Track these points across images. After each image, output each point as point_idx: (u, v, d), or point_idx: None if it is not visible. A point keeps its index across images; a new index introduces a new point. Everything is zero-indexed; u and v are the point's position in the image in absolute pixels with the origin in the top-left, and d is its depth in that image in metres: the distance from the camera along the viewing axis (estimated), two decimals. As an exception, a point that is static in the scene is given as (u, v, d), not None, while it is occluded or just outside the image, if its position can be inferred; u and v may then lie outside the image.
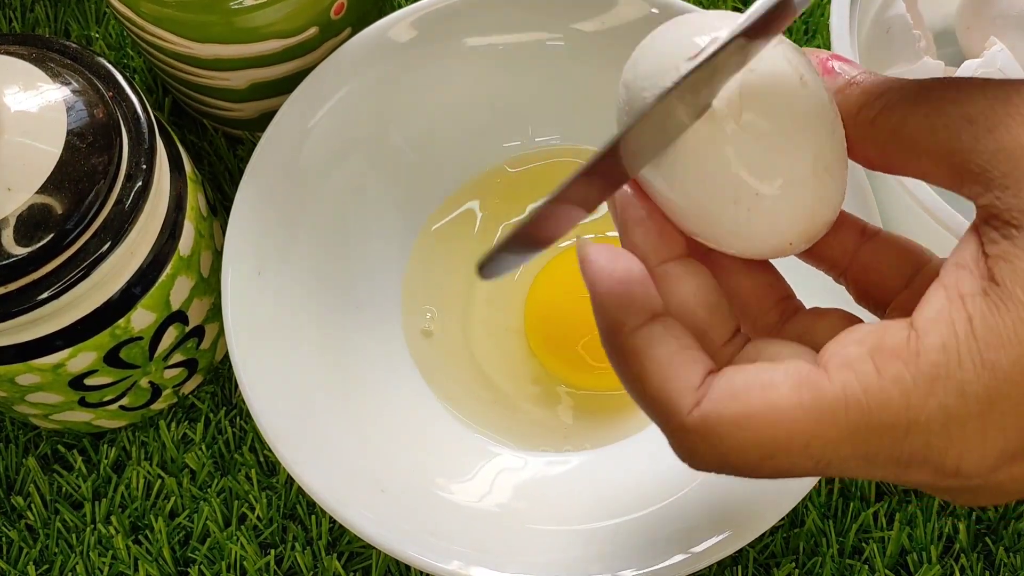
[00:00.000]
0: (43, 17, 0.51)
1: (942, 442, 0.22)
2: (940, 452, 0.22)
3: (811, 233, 0.26)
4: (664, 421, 0.24)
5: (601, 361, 0.42)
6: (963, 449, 0.22)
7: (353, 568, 0.41)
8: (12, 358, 0.37)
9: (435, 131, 0.45)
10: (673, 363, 0.24)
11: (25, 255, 0.33)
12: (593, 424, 0.43)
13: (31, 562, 0.42)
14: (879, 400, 0.22)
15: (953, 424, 0.22)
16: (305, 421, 0.39)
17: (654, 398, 0.24)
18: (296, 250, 0.42)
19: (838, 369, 0.23)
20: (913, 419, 0.22)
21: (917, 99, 0.24)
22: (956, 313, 0.22)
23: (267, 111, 0.44)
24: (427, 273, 0.45)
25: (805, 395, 0.22)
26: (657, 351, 0.24)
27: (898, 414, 0.22)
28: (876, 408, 0.22)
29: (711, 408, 0.23)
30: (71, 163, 0.34)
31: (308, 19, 0.42)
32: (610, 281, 0.24)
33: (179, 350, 0.41)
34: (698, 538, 0.37)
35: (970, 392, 0.22)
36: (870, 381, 0.22)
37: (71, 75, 0.36)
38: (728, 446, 0.23)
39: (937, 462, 0.23)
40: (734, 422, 0.23)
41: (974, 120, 0.23)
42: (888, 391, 0.22)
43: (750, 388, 0.23)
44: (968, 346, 0.22)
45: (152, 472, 0.43)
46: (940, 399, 0.22)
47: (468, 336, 0.44)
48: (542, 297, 0.44)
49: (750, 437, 0.23)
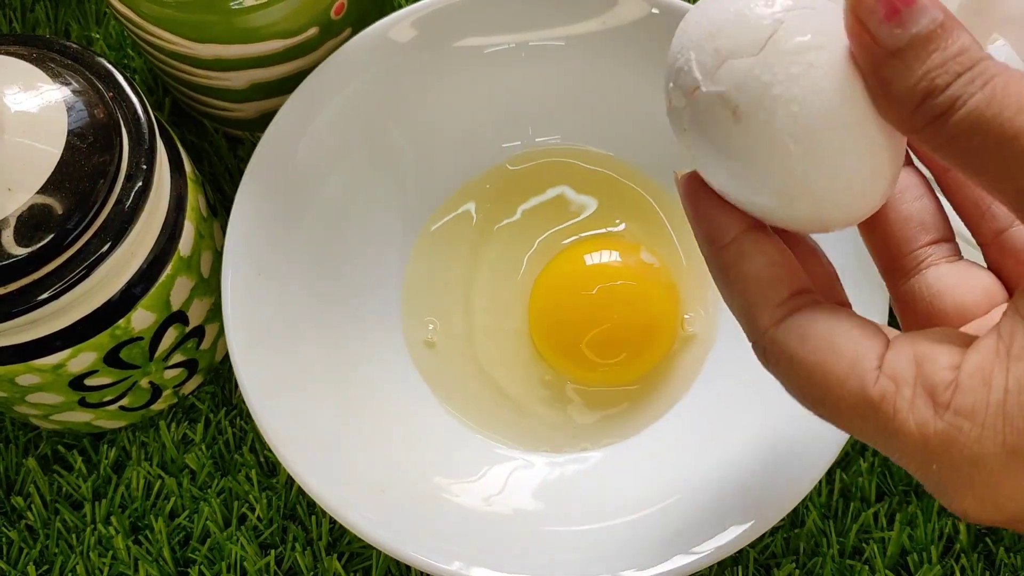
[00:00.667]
0: (43, 17, 0.51)
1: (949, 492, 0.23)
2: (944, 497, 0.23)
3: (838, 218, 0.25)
4: (747, 331, 0.26)
5: (606, 357, 0.42)
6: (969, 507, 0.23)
7: (353, 568, 0.41)
8: (12, 358, 0.37)
9: (435, 131, 0.45)
10: (759, 282, 0.25)
11: (25, 255, 0.33)
12: (597, 424, 0.43)
13: (31, 562, 0.42)
14: (902, 426, 0.23)
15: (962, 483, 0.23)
16: (305, 421, 0.39)
17: (740, 311, 0.26)
18: (296, 250, 0.42)
19: (886, 378, 0.23)
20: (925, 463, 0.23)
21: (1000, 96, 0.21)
22: (997, 376, 0.22)
23: (267, 111, 0.44)
24: (427, 274, 0.45)
25: (853, 381, 0.23)
26: (746, 267, 0.25)
27: (913, 450, 0.23)
28: (896, 431, 0.23)
29: (782, 338, 0.24)
30: (71, 163, 0.34)
31: (308, 19, 0.42)
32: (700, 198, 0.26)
33: (179, 350, 0.41)
34: (698, 539, 0.37)
35: (984, 464, 0.22)
36: (901, 405, 0.23)
37: (71, 75, 0.36)
38: (787, 375, 0.25)
39: (947, 502, 0.23)
40: (793, 360, 0.24)
41: None
42: (909, 424, 0.23)
43: (818, 338, 0.24)
44: (995, 411, 0.22)
45: (152, 472, 0.43)
46: (951, 459, 0.22)
47: (472, 342, 0.44)
48: (546, 295, 0.44)
49: (803, 381, 0.24)
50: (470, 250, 0.45)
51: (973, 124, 0.21)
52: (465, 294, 0.45)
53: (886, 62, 0.22)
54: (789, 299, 0.25)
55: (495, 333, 0.44)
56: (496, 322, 0.45)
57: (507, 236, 0.46)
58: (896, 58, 0.22)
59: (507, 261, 0.45)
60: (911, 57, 0.22)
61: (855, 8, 0.22)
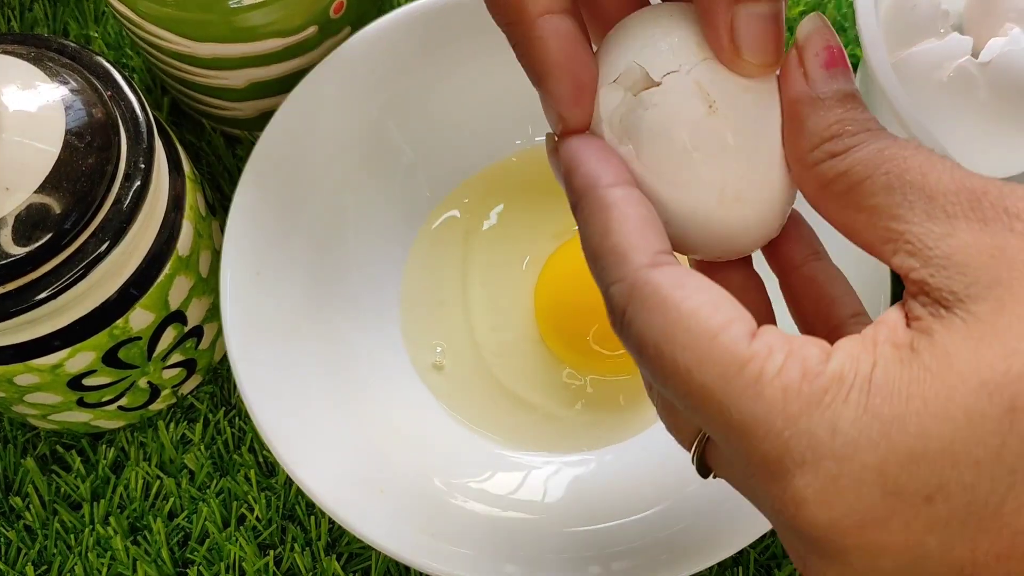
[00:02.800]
0: (41, 16, 0.51)
1: (791, 467, 0.21)
2: (784, 475, 0.21)
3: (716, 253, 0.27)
4: (612, 270, 0.24)
5: (615, 349, 0.42)
6: (807, 485, 0.21)
7: (352, 569, 0.41)
8: (10, 358, 0.37)
9: (434, 130, 0.45)
10: (641, 225, 0.24)
11: (23, 255, 0.33)
12: (599, 425, 0.43)
13: (29, 563, 0.42)
14: (765, 388, 0.22)
15: (809, 454, 0.21)
16: (304, 421, 0.39)
17: (612, 248, 0.24)
18: (295, 250, 0.42)
19: (760, 342, 0.22)
20: (775, 428, 0.21)
21: (886, 156, 0.23)
22: (864, 353, 0.22)
23: (266, 110, 0.44)
24: (428, 273, 0.45)
25: (725, 337, 0.22)
26: (628, 210, 0.24)
27: (768, 413, 0.22)
28: (753, 393, 0.22)
29: (656, 278, 0.23)
30: (69, 163, 0.34)
31: (307, 18, 0.41)
32: (589, 142, 0.26)
33: (178, 350, 0.41)
34: (699, 539, 0.37)
35: (840, 430, 0.21)
36: (770, 368, 0.22)
37: (69, 74, 0.36)
38: (649, 320, 0.23)
39: (779, 485, 0.22)
40: (666, 303, 0.23)
41: (934, 199, 0.23)
42: (773, 386, 0.22)
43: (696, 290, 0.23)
44: (860, 386, 0.21)
45: (151, 473, 0.43)
46: (809, 423, 0.21)
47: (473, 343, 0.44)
48: (551, 289, 0.44)
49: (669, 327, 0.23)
50: (470, 249, 0.45)
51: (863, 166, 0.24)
52: (462, 288, 0.45)
53: (808, 102, 0.25)
54: (667, 253, 0.24)
55: (499, 332, 0.44)
56: (499, 323, 0.45)
57: (508, 235, 0.46)
58: (819, 101, 0.24)
59: (508, 260, 0.45)
60: (830, 106, 0.24)
61: (803, 44, 0.25)
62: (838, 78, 0.25)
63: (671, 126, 0.25)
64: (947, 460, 0.20)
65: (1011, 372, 0.20)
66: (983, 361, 0.21)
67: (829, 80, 0.25)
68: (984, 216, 0.22)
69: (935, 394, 0.21)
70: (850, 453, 0.21)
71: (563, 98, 0.26)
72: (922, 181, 0.23)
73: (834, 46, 0.25)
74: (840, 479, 0.21)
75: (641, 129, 0.25)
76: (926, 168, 0.23)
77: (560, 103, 0.26)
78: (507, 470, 0.42)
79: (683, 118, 0.25)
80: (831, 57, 0.25)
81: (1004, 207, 0.22)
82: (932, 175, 0.23)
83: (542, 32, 0.26)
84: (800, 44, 0.25)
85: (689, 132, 0.25)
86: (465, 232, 0.46)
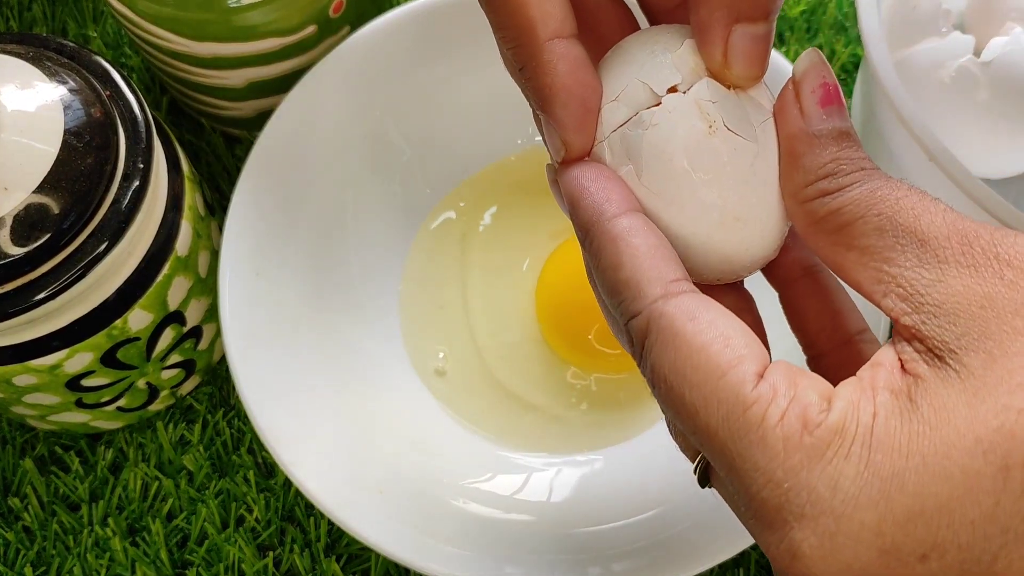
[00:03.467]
0: (40, 16, 0.51)
1: (789, 519, 0.21)
2: (782, 526, 0.22)
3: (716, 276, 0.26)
4: (629, 305, 0.24)
5: (615, 347, 0.42)
6: (804, 539, 0.21)
7: (352, 570, 0.41)
8: (9, 359, 0.36)
9: (434, 130, 0.45)
10: (651, 253, 0.24)
11: (22, 255, 0.33)
12: (601, 425, 0.43)
13: (28, 564, 0.41)
14: (767, 434, 0.22)
15: (808, 508, 0.21)
16: (303, 422, 0.39)
17: (626, 283, 0.24)
18: (294, 250, 0.42)
19: (767, 384, 0.22)
20: (776, 478, 0.22)
21: (879, 196, 0.24)
22: (864, 401, 0.22)
23: (265, 110, 0.44)
24: (427, 276, 0.45)
25: (733, 376, 0.22)
26: (636, 240, 0.24)
27: (770, 462, 0.22)
28: (756, 439, 0.22)
29: (671, 311, 0.23)
30: (68, 163, 0.34)
31: (306, 17, 0.41)
32: (589, 169, 0.26)
33: (176, 351, 0.41)
34: (700, 540, 0.37)
35: (841, 487, 0.21)
36: (773, 413, 0.22)
37: (68, 74, 0.36)
38: (663, 352, 0.23)
39: (777, 535, 0.22)
40: (677, 336, 0.23)
41: (926, 243, 0.23)
42: (774, 435, 0.22)
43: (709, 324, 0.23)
44: (862, 440, 0.21)
45: (149, 474, 0.43)
46: (809, 477, 0.21)
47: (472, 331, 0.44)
48: (552, 287, 0.44)
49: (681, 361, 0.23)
50: (468, 251, 0.45)
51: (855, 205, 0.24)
52: (464, 296, 0.45)
53: (804, 138, 0.25)
54: (681, 280, 0.24)
55: (498, 336, 0.44)
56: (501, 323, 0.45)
57: (506, 236, 0.45)
58: (814, 139, 0.25)
59: (506, 261, 0.45)
60: (825, 143, 0.25)
61: (800, 80, 0.25)
62: (834, 116, 0.25)
63: (671, 146, 0.25)
64: (943, 520, 0.21)
65: (1003, 429, 0.20)
66: (977, 417, 0.21)
67: (825, 118, 0.25)
68: (975, 262, 0.22)
69: (933, 451, 0.21)
70: (849, 511, 0.21)
71: (569, 123, 0.26)
72: (914, 224, 0.23)
73: (830, 83, 0.25)
74: (837, 536, 0.21)
75: (641, 149, 0.25)
76: (919, 210, 0.23)
77: (565, 128, 0.26)
78: (508, 472, 0.42)
79: (683, 138, 0.25)
80: (827, 94, 0.25)
81: (995, 253, 0.22)
82: (925, 217, 0.23)
83: (551, 56, 0.26)
84: (797, 79, 0.25)
85: (689, 152, 0.25)
86: (462, 234, 0.46)
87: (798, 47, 0.50)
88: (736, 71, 0.25)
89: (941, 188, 0.37)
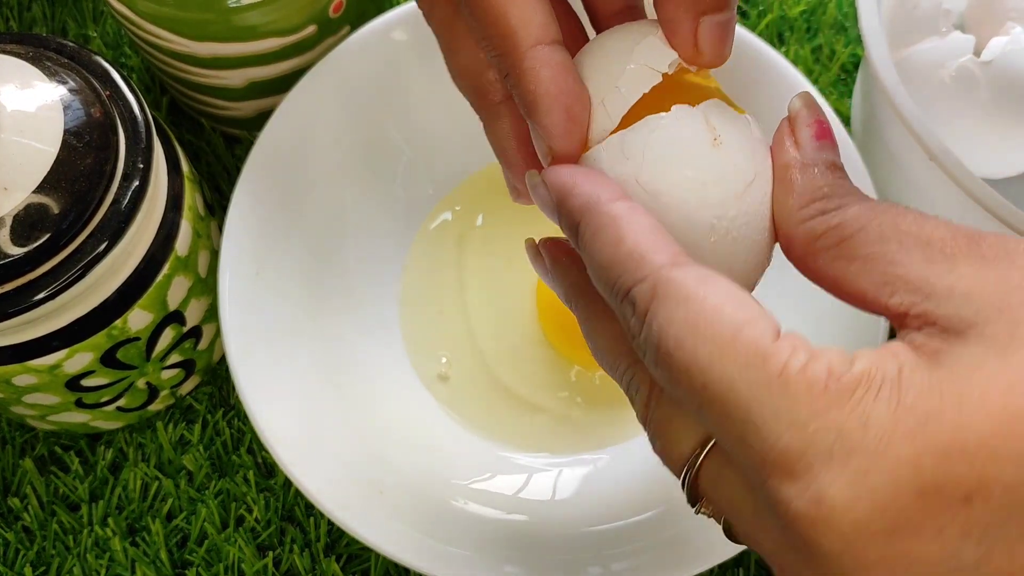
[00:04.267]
0: (40, 16, 0.51)
1: (814, 462, 0.20)
2: (806, 471, 0.20)
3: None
4: (633, 272, 0.23)
5: None
6: (832, 483, 0.20)
7: (352, 570, 0.41)
8: (9, 359, 0.36)
9: (433, 130, 0.45)
10: (653, 231, 0.24)
11: (22, 255, 0.33)
12: (602, 424, 0.43)
13: (28, 564, 0.41)
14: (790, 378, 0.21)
15: (838, 447, 0.20)
16: (303, 422, 0.39)
17: (629, 253, 0.24)
18: (294, 249, 0.42)
19: (785, 341, 0.22)
20: (800, 420, 0.20)
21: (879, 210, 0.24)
22: (887, 359, 0.21)
23: (265, 110, 0.44)
24: (426, 278, 0.45)
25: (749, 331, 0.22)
26: (638, 218, 0.24)
27: (793, 405, 0.21)
28: (777, 386, 0.21)
29: (679, 276, 0.23)
30: (68, 163, 0.34)
31: (306, 17, 0.41)
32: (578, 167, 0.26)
33: (176, 351, 0.41)
34: (700, 540, 0.37)
35: (873, 423, 0.20)
36: (794, 363, 0.21)
37: (68, 74, 0.36)
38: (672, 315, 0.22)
39: (799, 484, 0.20)
40: (690, 299, 0.22)
41: (931, 243, 0.23)
42: (797, 381, 0.21)
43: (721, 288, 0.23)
44: (891, 383, 0.20)
45: (149, 474, 0.43)
46: (839, 416, 0.20)
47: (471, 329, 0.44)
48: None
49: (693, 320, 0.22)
50: (465, 254, 0.45)
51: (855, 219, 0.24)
52: (463, 299, 0.45)
53: (799, 166, 0.25)
54: (685, 254, 0.24)
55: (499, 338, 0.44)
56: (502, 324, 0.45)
57: (505, 236, 0.45)
58: (809, 167, 0.25)
59: (505, 262, 0.45)
60: (820, 172, 0.25)
61: (795, 117, 0.26)
62: (827, 149, 0.26)
63: (676, 149, 0.25)
64: (987, 454, 0.19)
65: None
66: (1009, 366, 0.20)
67: (819, 149, 0.26)
68: (983, 255, 0.22)
69: (969, 392, 0.20)
70: (883, 447, 0.20)
71: (555, 130, 0.26)
72: (918, 230, 0.23)
73: (823, 121, 0.26)
74: (870, 475, 0.20)
75: (644, 150, 0.25)
76: (920, 220, 0.23)
77: (550, 135, 0.26)
78: (509, 472, 0.42)
79: (688, 144, 0.25)
80: (821, 130, 0.26)
81: (1004, 248, 0.22)
82: (927, 225, 0.23)
83: (533, 63, 0.26)
84: (792, 116, 0.26)
85: (692, 159, 0.25)
86: (459, 236, 0.46)
87: (798, 47, 0.50)
88: (707, 55, 0.26)
89: (941, 188, 0.37)
